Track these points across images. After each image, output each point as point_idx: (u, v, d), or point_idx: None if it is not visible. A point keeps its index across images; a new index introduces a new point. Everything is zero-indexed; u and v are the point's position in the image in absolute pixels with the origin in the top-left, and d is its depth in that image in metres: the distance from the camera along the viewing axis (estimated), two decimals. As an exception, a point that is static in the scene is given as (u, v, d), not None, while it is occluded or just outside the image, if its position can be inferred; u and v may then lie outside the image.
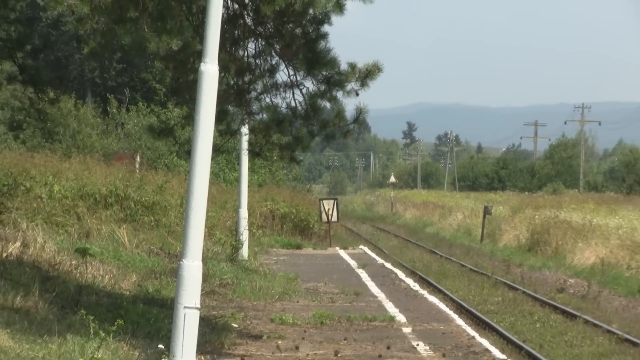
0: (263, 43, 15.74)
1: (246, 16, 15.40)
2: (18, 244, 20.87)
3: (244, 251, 30.06)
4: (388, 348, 16.03)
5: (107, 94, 58.89)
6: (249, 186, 32.91)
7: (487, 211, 48.72)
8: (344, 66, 15.42)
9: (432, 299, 23.63)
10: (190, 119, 13.55)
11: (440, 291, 25.88)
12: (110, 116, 56.34)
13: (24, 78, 25.96)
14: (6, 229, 23.20)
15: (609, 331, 19.68)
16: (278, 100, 15.96)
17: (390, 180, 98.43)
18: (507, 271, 32.40)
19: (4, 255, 19.57)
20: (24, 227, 23.15)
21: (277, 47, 15.61)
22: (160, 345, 11.06)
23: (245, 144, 23.08)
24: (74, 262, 20.71)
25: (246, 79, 15.91)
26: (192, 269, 10.17)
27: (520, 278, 30.18)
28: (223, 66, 12.02)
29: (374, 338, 17.08)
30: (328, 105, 15.76)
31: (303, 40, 15.39)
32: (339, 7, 14.60)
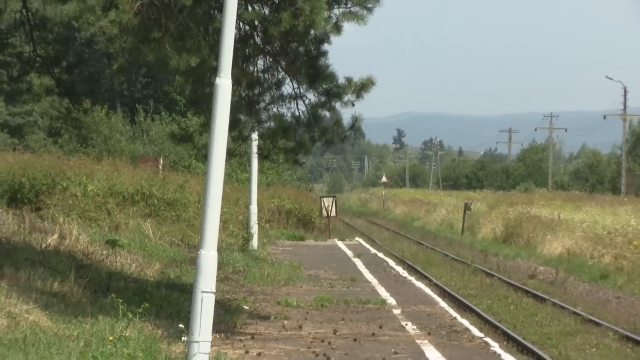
0: (271, 60, 15.75)
1: (256, 36, 15.42)
2: (56, 236, 20.92)
3: (254, 242, 30.10)
4: (380, 327, 16.04)
5: (135, 105, 59.00)
6: (258, 185, 32.94)
7: (467, 207, 48.78)
8: (341, 80, 15.44)
9: (419, 284, 23.63)
10: (207, 126, 13.55)
11: (426, 277, 25.89)
12: (137, 124, 56.44)
13: (61, 91, 25.88)
14: (45, 223, 23.25)
15: (574, 312, 19.68)
16: (284, 110, 15.99)
17: (382, 180, 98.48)
18: (484, 260, 32.41)
19: (44, 246, 19.60)
20: (61, 222, 23.22)
21: (283, 63, 15.62)
22: (181, 325, 11.06)
23: (255, 149, 23.10)
24: (104, 252, 20.76)
25: (256, 91, 15.92)
26: (209, 258, 10.18)
27: (496, 266, 30.20)
28: (235, 80, 12.03)
29: (368, 319, 17.09)
30: (327, 114, 15.77)
31: (305, 57, 15.40)
32: (337, 28, 14.61)
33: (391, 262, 29.35)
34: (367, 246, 36.24)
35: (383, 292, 21.16)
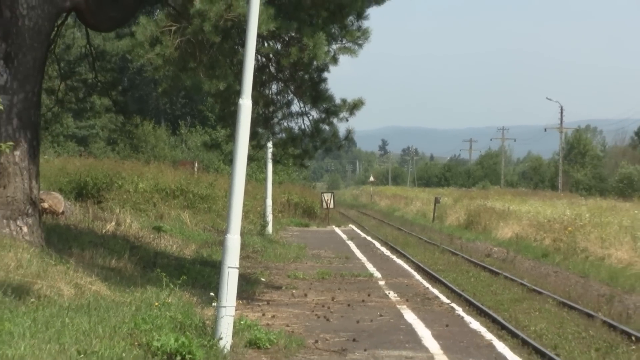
0: (282, 85, 15.75)
1: (270, 66, 15.41)
2: (113, 223, 20.94)
3: (269, 228, 30.15)
4: (369, 295, 16.04)
5: (175, 120, 59.02)
6: (272, 183, 33.00)
7: (437, 201, 48.77)
8: (338, 101, 15.46)
9: (399, 261, 23.64)
10: (232, 137, 13.56)
11: (404, 256, 25.88)
12: (177, 135, 56.43)
13: (117, 109, 25.89)
14: (105, 213, 23.25)
15: (521, 284, 19.66)
16: (292, 124, 16.01)
17: (370, 180, 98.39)
18: (450, 242, 32.39)
19: (104, 231, 19.61)
20: (117, 212, 23.23)
21: (292, 87, 15.62)
22: (212, 294, 11.06)
23: (269, 155, 23.16)
24: (151, 236, 20.76)
25: (270, 109, 15.92)
26: (234, 240, 10.17)
27: (460, 247, 30.17)
28: (254, 101, 12.01)
29: (359, 288, 17.10)
30: (327, 128, 15.78)
31: (310, 83, 15.41)
32: (334, 60, 14.61)
33: (377, 244, 29.35)
34: (358, 231, 36.25)
35: (371, 268, 21.17)
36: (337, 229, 36.53)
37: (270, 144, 18.19)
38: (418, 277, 19.83)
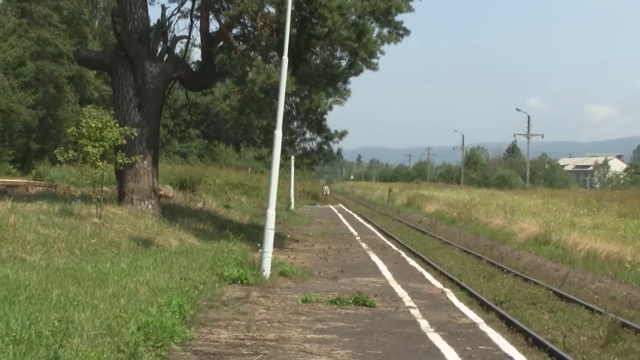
0: (300, 122, 15.73)
1: (293, 111, 15.39)
2: (201, 203, 20.92)
3: (292, 206, 30.05)
4: (350, 245, 16.00)
5: (238, 142, 58.87)
6: (293, 180, 32.94)
7: (390, 190, 48.59)
8: (332, 131, 15.48)
9: (369, 225, 23.57)
10: (270, 153, 13.54)
11: (371, 222, 25.76)
12: (239, 152, 56.36)
13: (203, 136, 26.04)
14: (196, 197, 23.25)
15: (439, 238, 19.54)
16: (306, 145, 15.98)
17: (351, 178, 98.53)
18: (398, 214, 32.19)
19: (195, 207, 19.57)
20: (203, 196, 23.22)
21: (305, 124, 15.59)
22: (258, 244, 11.06)
23: (292, 163, 23.28)
24: (223, 211, 20.73)
25: (293, 137, 15.89)
26: (271, 213, 10.17)
27: (404, 217, 29.98)
28: (284, 132, 12.00)
29: (344, 241, 17.06)
30: (326, 147, 15.76)
31: (316, 121, 15.37)
32: (330, 108, 14.63)
33: (355, 215, 29.25)
34: (345, 208, 36.13)
35: (351, 229, 21.13)
36: (332, 207, 36.45)
37: (292, 157, 18.19)
38: (379, 234, 19.78)
